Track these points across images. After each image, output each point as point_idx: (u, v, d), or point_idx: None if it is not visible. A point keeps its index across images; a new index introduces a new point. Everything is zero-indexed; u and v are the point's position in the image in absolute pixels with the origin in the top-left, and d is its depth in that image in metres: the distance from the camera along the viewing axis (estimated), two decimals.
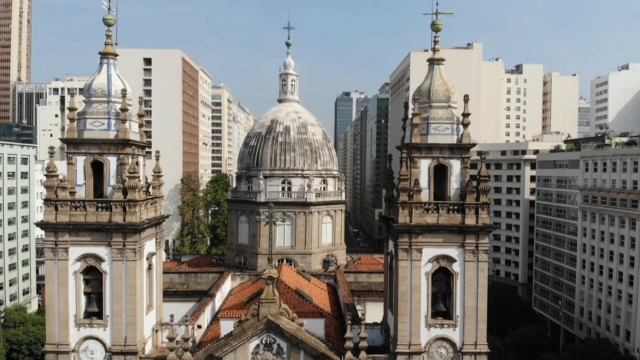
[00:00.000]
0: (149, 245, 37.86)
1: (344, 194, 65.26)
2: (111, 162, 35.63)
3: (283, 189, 61.35)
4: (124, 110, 35.91)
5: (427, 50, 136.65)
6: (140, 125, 39.36)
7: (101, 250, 34.87)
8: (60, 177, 35.81)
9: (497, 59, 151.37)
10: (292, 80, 67.45)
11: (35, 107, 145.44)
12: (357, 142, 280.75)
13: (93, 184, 36.19)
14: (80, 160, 35.86)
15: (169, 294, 59.68)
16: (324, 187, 63.53)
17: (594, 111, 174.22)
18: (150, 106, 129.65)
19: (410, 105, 38.51)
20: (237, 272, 58.64)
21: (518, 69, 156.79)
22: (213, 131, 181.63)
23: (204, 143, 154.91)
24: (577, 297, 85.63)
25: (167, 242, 75.14)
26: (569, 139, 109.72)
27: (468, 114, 36.33)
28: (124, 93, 36.13)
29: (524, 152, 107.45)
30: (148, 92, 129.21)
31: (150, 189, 39.88)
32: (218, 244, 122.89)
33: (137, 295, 34.86)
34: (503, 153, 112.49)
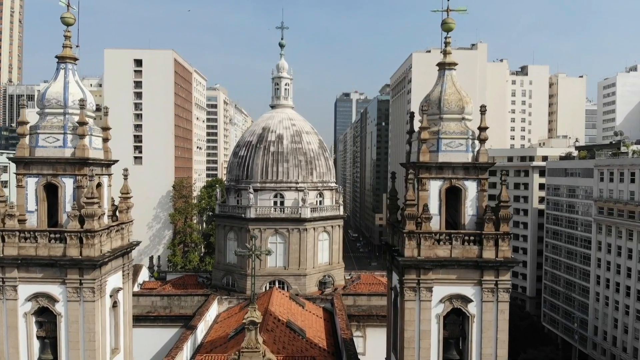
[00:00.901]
0: (114, 280, 32.65)
1: (342, 207, 60.01)
2: (67, 184, 30.41)
3: (275, 203, 56.17)
4: (82, 123, 30.60)
5: (429, 51, 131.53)
6: (105, 140, 34.11)
7: (55, 289, 29.70)
8: (9, 202, 30.64)
9: (501, 60, 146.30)
10: (285, 84, 62.31)
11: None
12: (356, 144, 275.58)
13: (47, 211, 30.99)
14: (32, 183, 30.67)
15: (151, 319, 54.82)
16: (320, 201, 58.37)
17: (601, 114, 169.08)
18: (141, 109, 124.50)
19: (417, 117, 33.37)
20: (224, 296, 53.44)
21: (523, 71, 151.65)
22: (208, 134, 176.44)
23: (198, 147, 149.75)
24: (591, 315, 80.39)
25: (151, 258, 70.02)
26: (581, 145, 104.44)
27: (485, 128, 31.14)
28: (82, 104, 30.81)
29: (532, 159, 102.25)
30: (139, 95, 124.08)
31: (118, 213, 34.60)
32: (212, 252, 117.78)
33: (96, 342, 29.64)
34: (510, 159, 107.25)
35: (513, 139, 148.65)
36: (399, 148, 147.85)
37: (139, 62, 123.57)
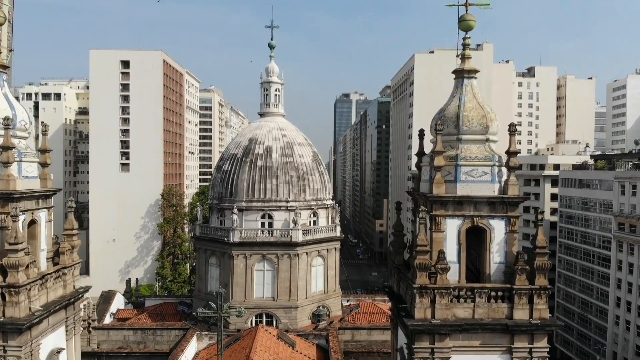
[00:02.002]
0: (53, 340, 26.34)
1: (338, 228, 53.56)
2: None
3: (263, 224, 49.76)
4: (6, 148, 24.19)
5: (432, 52, 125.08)
6: (44, 165, 27.69)
7: None
8: None
9: (507, 61, 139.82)
10: (276, 90, 55.91)
11: None
12: (356, 146, 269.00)
13: None
14: None
15: (122, 356, 48.66)
16: (314, 221, 51.97)
17: (610, 117, 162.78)
18: (128, 113, 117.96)
19: (429, 136, 27.10)
20: (204, 331, 47.12)
21: (530, 72, 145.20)
22: (202, 137, 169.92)
23: (190, 152, 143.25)
24: (609, 339, 74.00)
25: (128, 281, 63.74)
26: (596, 153, 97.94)
27: (515, 152, 24.90)
28: (6, 123, 24.41)
29: (542, 167, 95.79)
30: (126, 98, 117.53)
31: (60, 255, 28.16)
32: None
33: None
34: (519, 167, 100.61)
35: (519, 143, 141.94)
36: (400, 152, 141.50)
37: (126, 64, 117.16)
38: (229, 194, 50.86)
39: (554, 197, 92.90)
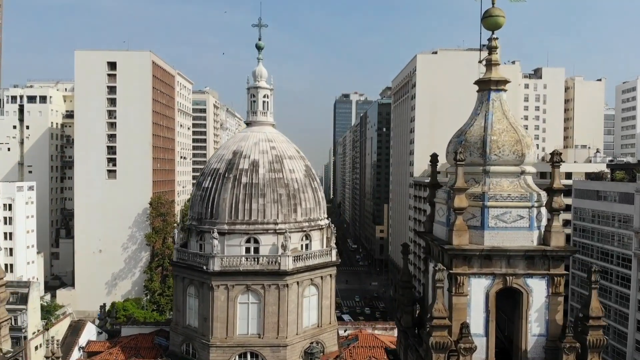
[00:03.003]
0: None
1: (335, 252, 47.59)
2: None
3: (247, 250, 43.87)
4: None
5: (435, 52, 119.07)
6: None
7: None
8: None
9: (513, 62, 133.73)
10: (264, 96, 49.99)
11: None
12: (356, 148, 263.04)
13: None
14: None
15: None
16: (306, 245, 46.06)
17: (619, 120, 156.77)
18: (115, 117, 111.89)
19: (443, 162, 21.24)
20: None
21: (537, 73, 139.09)
22: (196, 141, 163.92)
23: (182, 157, 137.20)
24: None
25: (102, 307, 57.56)
26: (614, 163, 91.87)
27: (560, 190, 18.97)
28: None
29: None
30: (113, 101, 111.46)
31: None
32: None
33: None
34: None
35: None
36: (402, 157, 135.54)
37: (113, 65, 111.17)
38: (209, 215, 44.93)
39: (567, 208, 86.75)
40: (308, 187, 47.28)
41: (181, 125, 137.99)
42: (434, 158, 22.49)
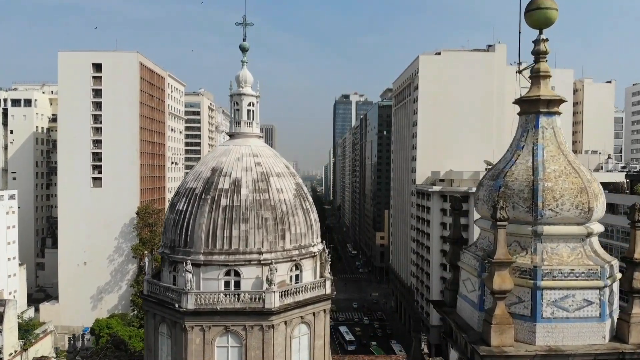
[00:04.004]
0: None
1: (329, 283, 41.55)
2: None
3: (227, 285, 37.87)
4: None
5: (439, 53, 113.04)
6: None
7: None
8: None
9: (519, 63, 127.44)
10: (249, 104, 44.04)
11: None
12: (355, 151, 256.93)
13: None
14: None
15: None
16: (296, 276, 40.06)
17: (629, 123, 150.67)
18: (101, 122, 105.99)
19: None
20: None
21: None
22: (191, 144, 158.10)
23: (173, 162, 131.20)
24: None
25: (71, 339, 51.61)
26: (632, 173, 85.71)
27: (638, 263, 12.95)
28: None
29: None
30: (98, 105, 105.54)
31: None
32: None
33: None
34: None
35: None
36: (403, 163, 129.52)
37: (98, 67, 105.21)
38: (182, 243, 38.93)
39: None
40: (298, 208, 41.23)
41: (172, 129, 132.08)
42: (456, 204, 16.42)
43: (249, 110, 44.14)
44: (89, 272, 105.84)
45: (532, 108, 14.59)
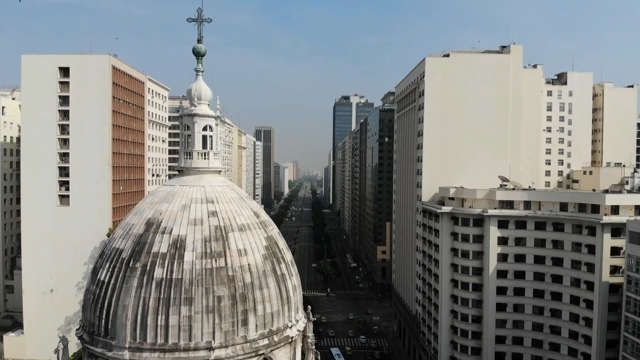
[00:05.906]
0: None
1: None
2: None
3: None
4: None
5: (447, 55, 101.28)
6: None
7: None
8: None
9: (535, 66, 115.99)
10: (204, 129, 32.88)
11: None
12: (355, 157, 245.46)
13: None
14: None
15: None
16: None
17: None
18: (68, 133, 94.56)
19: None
20: None
21: (561, 79, 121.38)
22: (175, 152, 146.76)
23: (154, 174, 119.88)
24: None
25: None
26: None
27: None
28: None
29: (596, 209, 72.29)
30: (65, 114, 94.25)
31: None
32: None
33: None
34: (563, 206, 77.22)
35: (549, 164, 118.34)
36: (407, 175, 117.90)
37: (66, 72, 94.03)
38: (103, 330, 27.51)
39: (614, 251, 69.58)
40: (269, 276, 29.73)
41: (153, 138, 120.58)
42: None
43: (204, 137, 32.96)
44: (55, 300, 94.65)
45: None
